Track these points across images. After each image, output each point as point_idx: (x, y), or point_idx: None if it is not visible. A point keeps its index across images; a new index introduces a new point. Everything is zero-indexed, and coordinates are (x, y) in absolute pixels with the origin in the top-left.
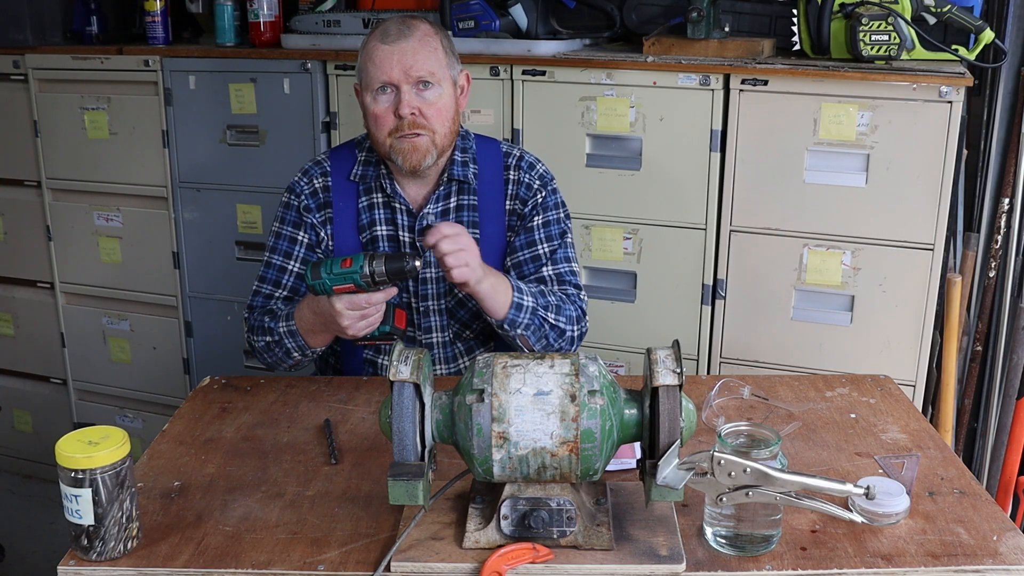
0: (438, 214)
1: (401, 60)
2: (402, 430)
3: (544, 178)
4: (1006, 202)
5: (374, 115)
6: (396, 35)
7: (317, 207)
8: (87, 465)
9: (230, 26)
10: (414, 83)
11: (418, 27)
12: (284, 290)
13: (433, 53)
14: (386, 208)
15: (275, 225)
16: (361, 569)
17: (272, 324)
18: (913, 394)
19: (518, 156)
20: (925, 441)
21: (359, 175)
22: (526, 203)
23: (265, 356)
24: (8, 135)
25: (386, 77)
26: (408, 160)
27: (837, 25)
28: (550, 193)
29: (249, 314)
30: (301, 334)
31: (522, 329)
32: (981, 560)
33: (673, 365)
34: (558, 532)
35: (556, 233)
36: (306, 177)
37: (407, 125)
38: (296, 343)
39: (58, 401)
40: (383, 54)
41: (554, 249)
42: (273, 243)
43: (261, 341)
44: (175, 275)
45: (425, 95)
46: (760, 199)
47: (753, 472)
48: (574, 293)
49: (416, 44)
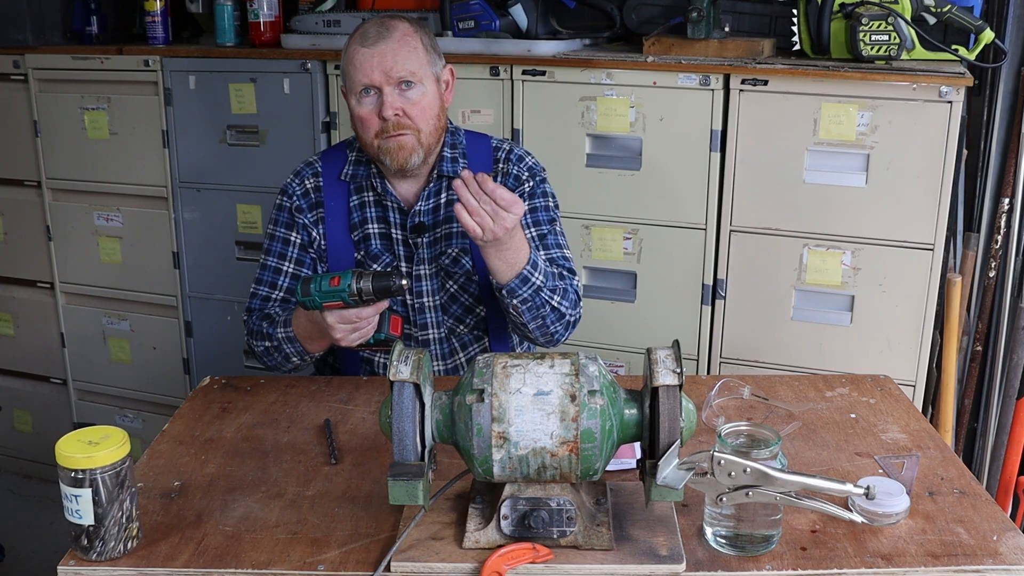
0: (429, 210)
1: (381, 62)
2: (402, 430)
3: (533, 169)
4: (1006, 202)
5: (359, 118)
6: (375, 37)
7: (309, 207)
8: (87, 465)
9: (230, 26)
10: (396, 84)
11: (397, 27)
12: (280, 291)
13: (413, 52)
14: (377, 207)
15: (269, 227)
16: (361, 569)
17: (270, 330)
18: (913, 394)
19: (507, 149)
20: (925, 441)
21: (350, 175)
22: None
23: (265, 360)
24: (8, 135)
25: (367, 80)
26: (395, 160)
27: (837, 25)
28: (538, 184)
29: (248, 317)
30: (299, 340)
31: (519, 301)
32: (981, 560)
33: (673, 365)
34: (558, 532)
35: (544, 220)
36: (298, 178)
37: (392, 126)
38: (295, 349)
39: (58, 401)
40: (363, 57)
41: (543, 234)
42: (268, 245)
43: (260, 346)
44: (175, 275)
45: (408, 95)
46: (760, 199)
47: (753, 472)
48: (568, 277)
49: (396, 45)
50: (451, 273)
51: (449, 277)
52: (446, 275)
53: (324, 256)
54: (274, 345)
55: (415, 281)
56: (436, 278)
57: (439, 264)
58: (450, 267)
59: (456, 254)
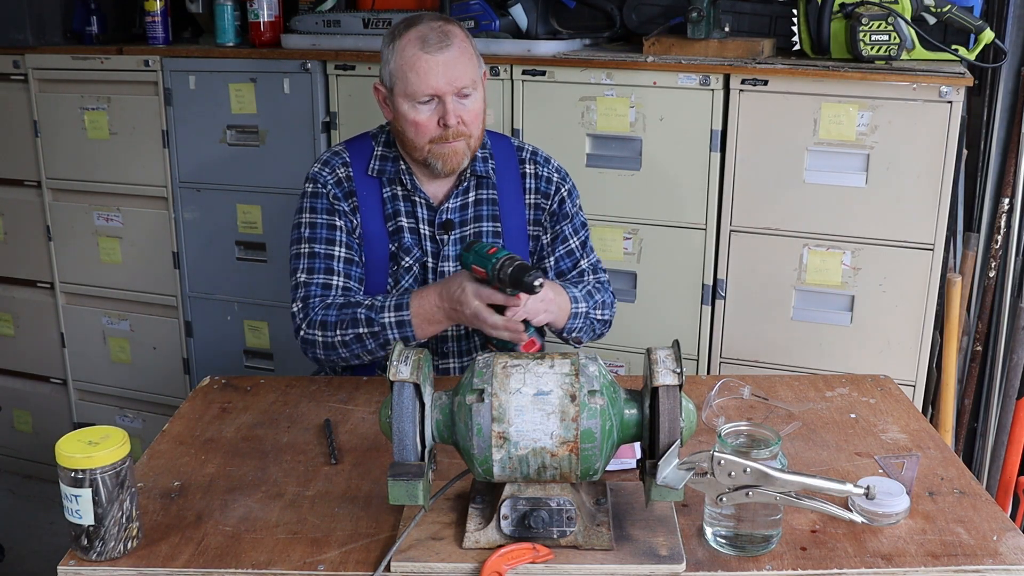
0: (457, 208)
1: (447, 72)
2: (402, 430)
3: (561, 172)
4: (1006, 202)
5: (415, 123)
6: (438, 44)
7: (344, 196)
8: (87, 465)
9: (230, 26)
10: (456, 91)
11: (456, 34)
12: (340, 277)
13: (471, 60)
14: (406, 201)
15: (305, 216)
16: (361, 569)
17: (371, 315)
18: (913, 394)
19: (531, 150)
20: (925, 441)
21: (376, 169)
22: (548, 196)
23: (341, 351)
24: (8, 135)
25: (433, 89)
26: (448, 164)
27: (837, 25)
28: (572, 187)
29: (306, 310)
30: (412, 324)
31: (577, 333)
32: (981, 560)
33: (673, 365)
34: (558, 532)
35: (580, 224)
36: (327, 167)
37: (452, 135)
38: (402, 333)
39: (58, 401)
40: (427, 64)
41: (583, 241)
42: (309, 233)
43: (348, 333)
44: (175, 275)
45: (465, 103)
46: (760, 199)
47: (753, 472)
48: (605, 280)
49: (458, 54)
50: None
51: None
52: None
53: (361, 245)
54: (372, 331)
55: (439, 277)
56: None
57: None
58: None
59: None
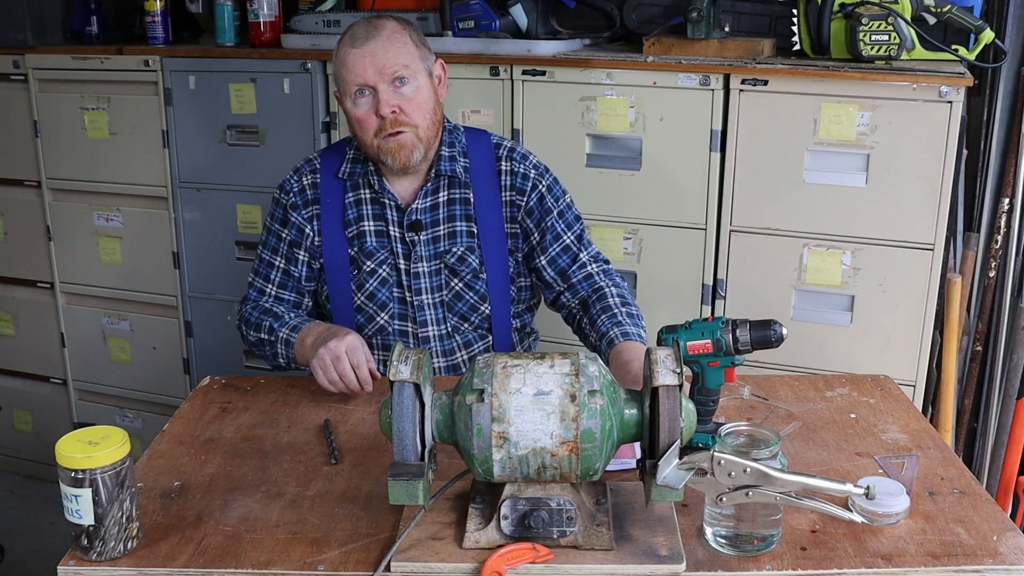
0: (426, 208)
1: (374, 60)
2: (402, 430)
3: (539, 167)
4: (1006, 202)
5: (356, 119)
6: (365, 36)
7: (304, 204)
8: (87, 465)
9: (230, 26)
10: (390, 81)
11: (385, 25)
12: (273, 285)
13: (404, 48)
14: (375, 204)
15: (267, 220)
16: (361, 569)
17: (275, 326)
18: (913, 394)
19: (509, 147)
20: (925, 441)
21: (347, 172)
22: (524, 193)
23: (255, 349)
24: (8, 135)
25: (361, 80)
26: (397, 159)
27: (837, 25)
28: (553, 181)
29: (242, 305)
30: (295, 348)
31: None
32: (981, 560)
33: (673, 365)
34: (558, 532)
35: (572, 218)
36: (296, 175)
37: (389, 124)
38: (287, 353)
39: (58, 401)
40: (355, 58)
41: (579, 235)
42: (264, 238)
43: (254, 336)
44: (175, 275)
45: (403, 91)
46: (760, 199)
47: (753, 472)
48: (610, 269)
49: (386, 42)
50: (456, 271)
51: (455, 275)
52: (451, 273)
53: (318, 253)
54: (269, 340)
55: (413, 279)
56: (437, 276)
57: (444, 262)
58: (456, 265)
59: (462, 252)
